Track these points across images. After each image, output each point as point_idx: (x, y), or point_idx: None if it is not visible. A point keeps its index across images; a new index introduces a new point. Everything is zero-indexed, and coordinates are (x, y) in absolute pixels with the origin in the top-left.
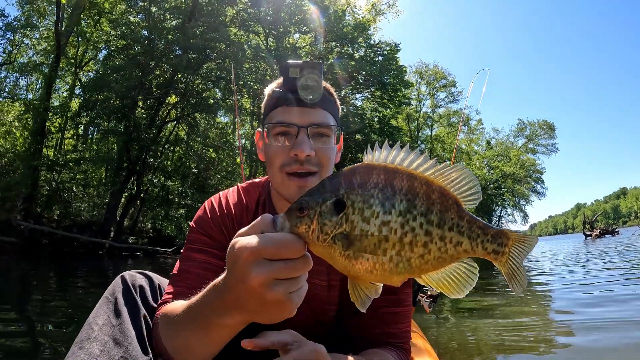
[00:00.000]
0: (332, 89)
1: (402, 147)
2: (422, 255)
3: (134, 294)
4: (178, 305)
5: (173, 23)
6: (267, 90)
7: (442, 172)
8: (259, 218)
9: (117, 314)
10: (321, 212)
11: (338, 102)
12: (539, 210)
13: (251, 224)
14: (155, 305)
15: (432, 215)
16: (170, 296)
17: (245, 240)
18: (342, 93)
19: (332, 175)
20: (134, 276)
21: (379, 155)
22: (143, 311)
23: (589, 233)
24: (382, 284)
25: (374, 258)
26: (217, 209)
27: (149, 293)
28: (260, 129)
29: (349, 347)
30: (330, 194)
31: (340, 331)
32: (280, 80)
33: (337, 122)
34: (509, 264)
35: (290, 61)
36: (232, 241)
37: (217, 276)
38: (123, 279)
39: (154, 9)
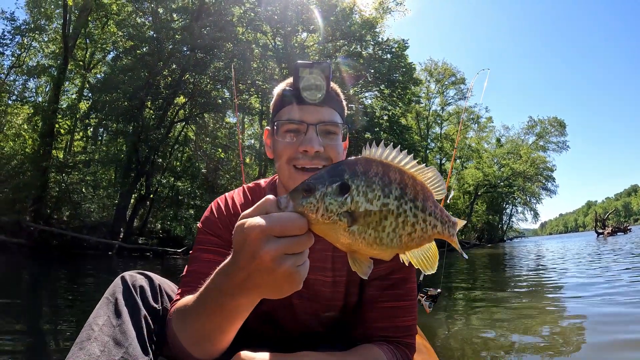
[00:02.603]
0: (338, 89)
1: (394, 147)
2: (410, 234)
3: (134, 294)
4: (189, 298)
5: (180, 24)
6: (277, 90)
7: (421, 171)
8: (263, 199)
9: (118, 314)
10: (327, 193)
11: (344, 102)
12: (549, 208)
13: (255, 205)
14: (155, 306)
15: (418, 202)
16: (179, 297)
17: (253, 220)
18: (351, 92)
19: (336, 164)
20: (134, 277)
21: (375, 151)
22: (143, 311)
23: (601, 231)
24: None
25: (374, 233)
26: (223, 209)
27: (149, 293)
28: (268, 127)
29: (350, 344)
30: (336, 178)
31: (342, 327)
32: (289, 80)
33: (344, 121)
34: (455, 242)
35: (300, 61)
36: (239, 222)
37: None
38: (123, 280)
39: (160, 10)
